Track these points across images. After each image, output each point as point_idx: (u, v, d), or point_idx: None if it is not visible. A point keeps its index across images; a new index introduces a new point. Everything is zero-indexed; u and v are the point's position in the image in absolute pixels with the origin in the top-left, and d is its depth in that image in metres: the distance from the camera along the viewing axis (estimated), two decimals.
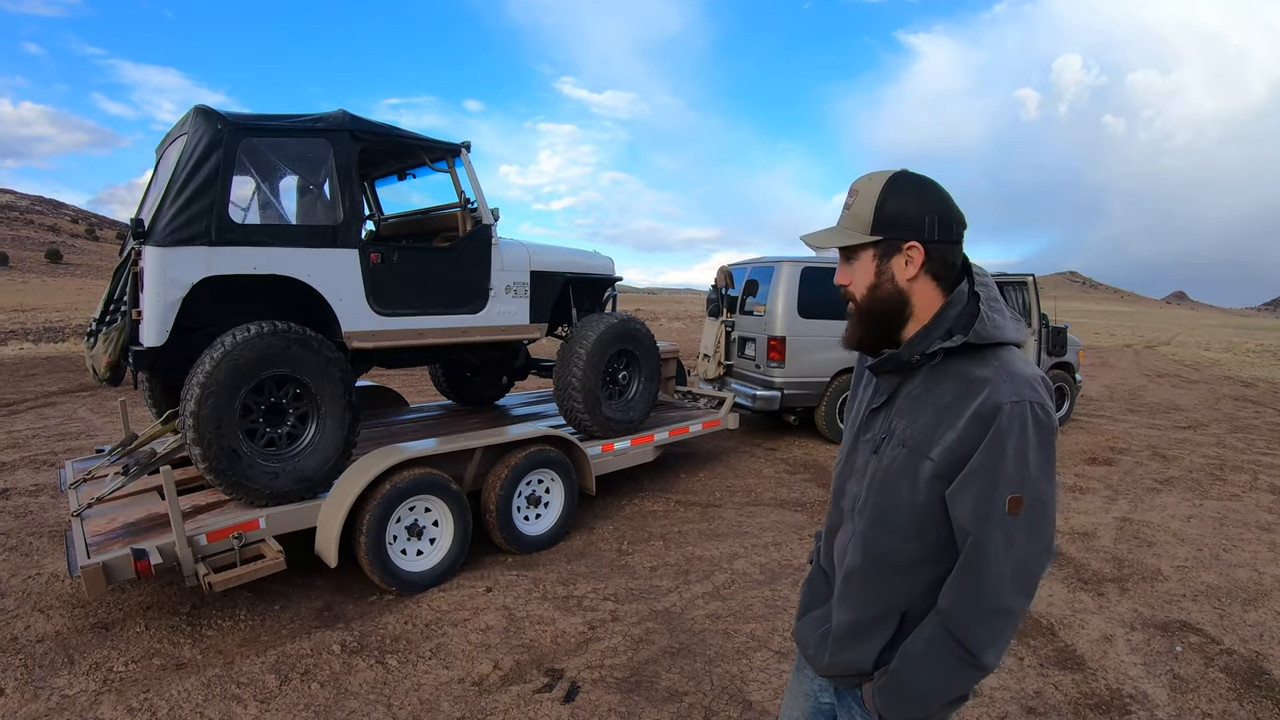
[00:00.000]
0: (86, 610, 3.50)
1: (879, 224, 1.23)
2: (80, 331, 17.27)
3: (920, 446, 1.22)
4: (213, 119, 3.48)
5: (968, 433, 1.16)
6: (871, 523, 1.31)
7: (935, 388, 1.24)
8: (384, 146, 4.24)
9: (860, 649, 1.33)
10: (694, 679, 3.12)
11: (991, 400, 1.15)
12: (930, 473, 1.21)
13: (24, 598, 3.64)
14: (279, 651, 3.21)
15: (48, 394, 9.79)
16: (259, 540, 3.50)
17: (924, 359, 1.25)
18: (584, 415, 4.91)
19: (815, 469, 6.53)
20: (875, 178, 1.27)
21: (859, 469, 1.37)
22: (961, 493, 1.17)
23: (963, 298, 1.26)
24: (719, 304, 7.72)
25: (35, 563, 4.06)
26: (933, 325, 1.26)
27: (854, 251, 1.28)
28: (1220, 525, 5.13)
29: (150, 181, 4.13)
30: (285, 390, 3.64)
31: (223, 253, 3.50)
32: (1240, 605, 3.87)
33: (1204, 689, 3.09)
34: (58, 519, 4.78)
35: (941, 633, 1.20)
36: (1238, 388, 13.67)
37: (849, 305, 1.33)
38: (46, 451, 6.61)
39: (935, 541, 1.24)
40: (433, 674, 3.09)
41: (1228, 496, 5.87)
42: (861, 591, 1.34)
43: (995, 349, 1.22)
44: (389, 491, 3.67)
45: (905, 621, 1.30)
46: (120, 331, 3.50)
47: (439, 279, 4.36)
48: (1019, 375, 1.17)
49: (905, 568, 1.28)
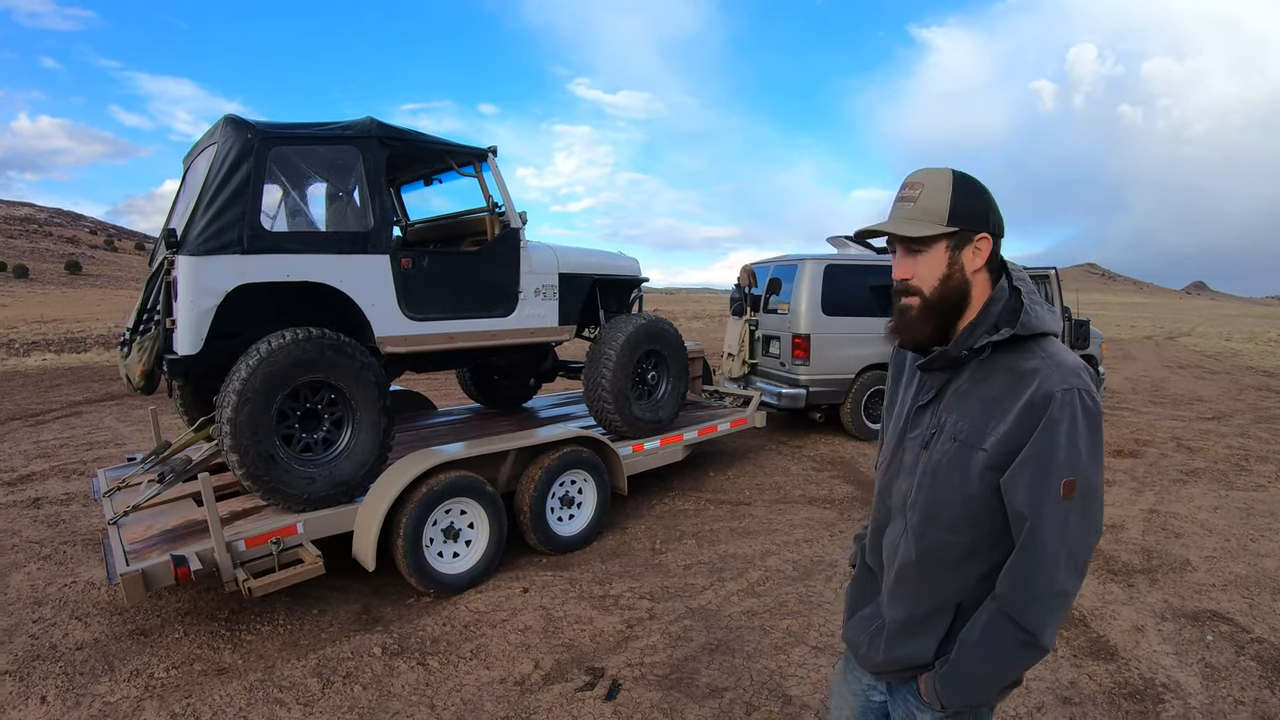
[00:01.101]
0: (124, 617, 3.53)
1: (955, 215, 1.24)
2: (102, 342, 17.48)
3: (972, 439, 1.24)
4: (242, 128, 3.50)
5: (1020, 422, 1.19)
6: (924, 517, 1.32)
7: (983, 381, 1.26)
8: (411, 153, 4.26)
9: (916, 643, 1.35)
10: (733, 675, 3.11)
11: (1042, 389, 1.17)
12: (983, 464, 1.23)
13: (61, 606, 3.67)
14: (320, 655, 3.22)
15: (74, 403, 9.91)
16: (297, 545, 3.51)
17: (971, 354, 1.27)
18: (614, 416, 4.91)
19: (843, 465, 6.50)
20: (938, 172, 1.27)
21: (907, 466, 1.38)
22: (1017, 480, 1.19)
23: (1004, 293, 1.29)
24: (742, 303, 7.69)
25: (70, 571, 4.10)
26: (979, 320, 1.28)
27: (924, 243, 1.26)
28: (1247, 516, 5.07)
29: (178, 191, 4.17)
30: (320, 396, 3.66)
31: (255, 261, 3.52)
32: (1269, 595, 3.83)
33: (1236, 677, 3.07)
34: (90, 527, 4.83)
35: (1000, 618, 1.22)
36: (1261, 378, 13.51)
37: (903, 300, 1.31)
38: (76, 460, 6.69)
39: (988, 532, 1.26)
40: (474, 674, 3.10)
41: (1254, 487, 5.80)
42: (916, 586, 1.35)
43: (1039, 340, 1.25)
44: (425, 494, 3.68)
45: (959, 614, 1.32)
46: (154, 340, 3.54)
47: (469, 283, 4.37)
48: (1065, 364, 1.20)
49: (958, 560, 1.29)
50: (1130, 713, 2.83)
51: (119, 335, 5.45)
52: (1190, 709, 2.85)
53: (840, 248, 7.76)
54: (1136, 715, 2.82)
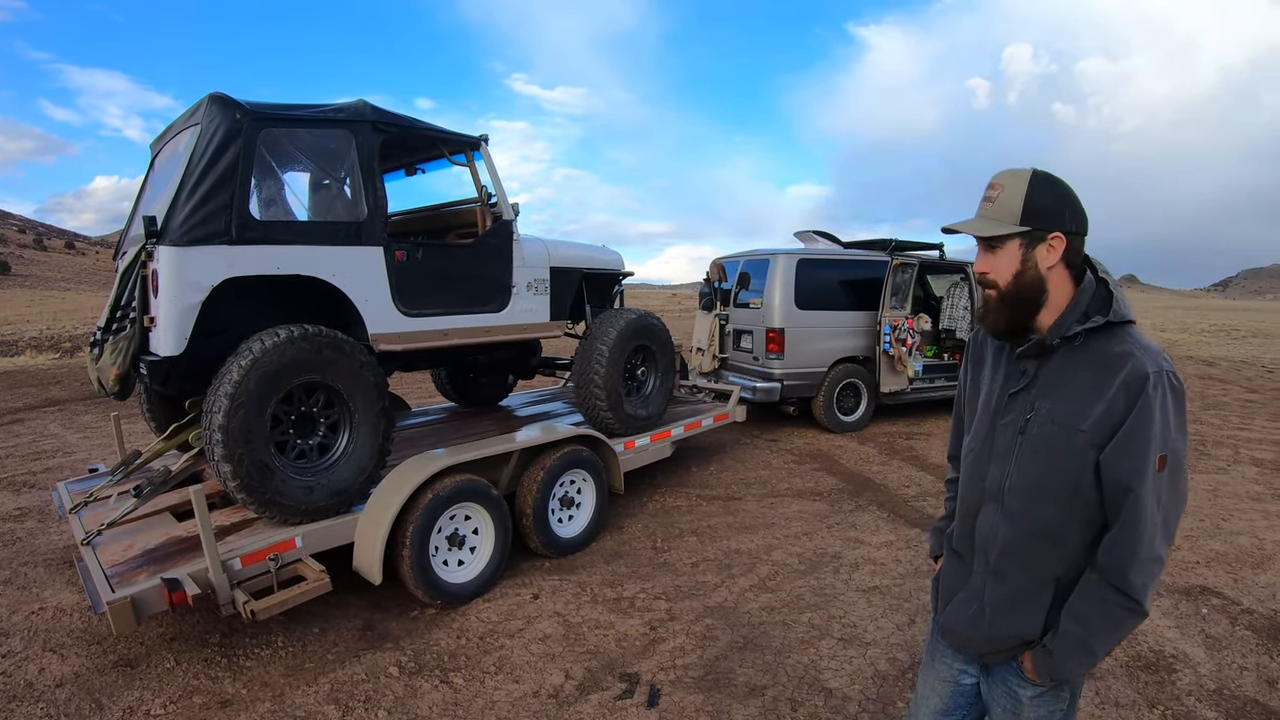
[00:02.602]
0: (104, 647, 3.18)
1: (1027, 215, 1.33)
2: (35, 344, 15.96)
3: (1071, 421, 1.33)
4: (230, 108, 3.20)
5: (1116, 402, 1.28)
6: (1025, 497, 1.41)
7: (1074, 367, 1.35)
8: (403, 139, 4.01)
9: (1022, 617, 1.43)
10: (769, 672, 3.07)
11: (1137, 371, 1.27)
12: (1083, 443, 1.32)
13: (31, 636, 3.27)
14: (331, 679, 2.99)
15: (13, 410, 9.00)
16: (295, 560, 3.26)
17: (1064, 341, 1.36)
18: (607, 413, 4.79)
19: (822, 458, 6.58)
20: (1018, 173, 1.36)
21: (1000, 451, 1.46)
22: (1118, 455, 1.29)
23: (1092, 285, 1.38)
24: (712, 298, 7.68)
25: (35, 596, 3.68)
26: (1070, 310, 1.37)
27: (1000, 241, 1.36)
28: (1214, 497, 5.40)
29: (144, 181, 3.80)
30: (315, 398, 3.40)
31: (244, 252, 3.23)
32: (1250, 569, 4.09)
33: (1235, 646, 3.26)
34: (52, 546, 4.36)
35: (1104, 586, 1.32)
36: (1201, 367, 14.20)
37: (986, 292, 1.42)
38: (24, 472, 6.04)
39: (1084, 506, 1.35)
40: (503, 689, 2.94)
41: (1215, 470, 6.18)
42: (1018, 562, 1.43)
43: (1125, 327, 1.34)
44: (431, 500, 3.48)
45: (1059, 588, 1.40)
46: (130, 340, 3.20)
47: (463, 277, 4.17)
48: (1151, 349, 1.31)
49: (1057, 534, 1.38)
50: (1149, 683, 2.96)
51: (51, 338, 4.91)
52: (1201, 677, 3.00)
53: (808, 242, 7.87)
54: (1155, 685, 2.94)
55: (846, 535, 4.64)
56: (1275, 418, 8.58)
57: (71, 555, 4.13)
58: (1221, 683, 2.96)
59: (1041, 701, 1.46)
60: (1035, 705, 1.47)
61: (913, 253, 7.63)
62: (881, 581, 3.94)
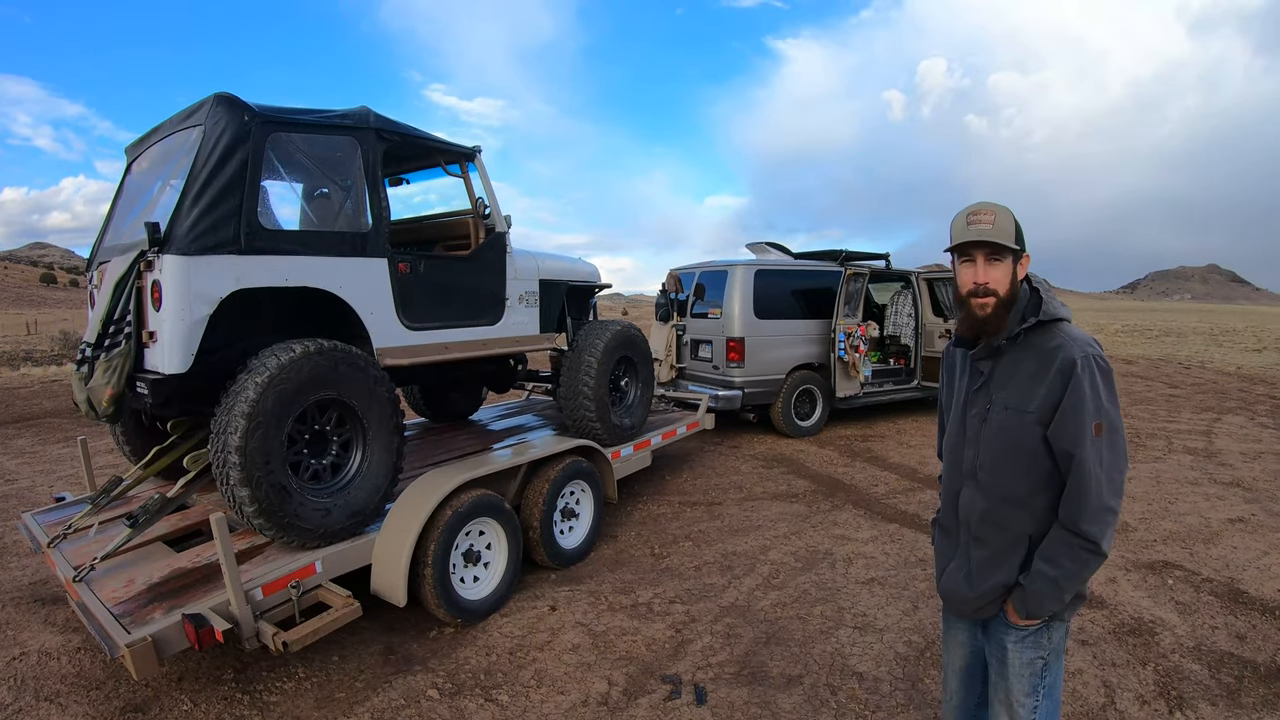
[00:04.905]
0: (104, 693, 2.90)
1: (1017, 238, 1.66)
2: None
3: (1021, 406, 1.66)
4: (238, 109, 3.04)
5: (1054, 386, 1.61)
6: (993, 472, 1.73)
7: (1020, 362, 1.69)
8: (402, 148, 3.91)
9: (1002, 570, 1.73)
10: (799, 662, 3.20)
11: (1066, 358, 1.60)
12: (1032, 423, 1.64)
13: (19, 686, 2.94)
14: (369, 707, 2.87)
15: None
16: (315, 586, 3.10)
17: (1009, 341, 1.69)
18: (596, 424, 4.81)
19: (788, 462, 6.83)
20: (999, 206, 1.67)
21: (970, 438, 1.79)
22: (1061, 428, 1.60)
23: (1026, 294, 1.71)
24: (669, 308, 7.83)
25: (13, 639, 3.30)
26: (1012, 316, 1.69)
27: (1001, 256, 1.65)
28: (1157, 484, 5.98)
29: (120, 186, 3.53)
30: (327, 415, 3.26)
31: (253, 262, 3.07)
32: (1202, 544, 4.58)
33: (1203, 610, 3.67)
34: (15, 582, 3.93)
35: (1066, 534, 1.62)
36: (1121, 365, 15.32)
37: (978, 300, 1.68)
38: None
39: (1042, 474, 1.66)
40: (550, 701, 2.92)
41: (1153, 459, 6.83)
42: (994, 527, 1.74)
43: (1057, 323, 1.68)
44: (451, 517, 3.41)
45: (1032, 543, 1.70)
46: (125, 357, 2.96)
47: (462, 289, 4.10)
48: (1080, 338, 1.64)
49: (1024, 499, 1.69)
50: (1136, 645, 3.30)
51: None
52: (1180, 637, 3.37)
53: (760, 253, 8.16)
54: (1142, 646, 3.29)
55: (832, 533, 4.86)
56: (1199, 410, 9.52)
57: (42, 592, 3.74)
58: (1198, 640, 3.34)
59: (1024, 647, 1.74)
60: (1019, 650, 1.74)
61: (862, 263, 8.07)
62: (877, 574, 4.16)
